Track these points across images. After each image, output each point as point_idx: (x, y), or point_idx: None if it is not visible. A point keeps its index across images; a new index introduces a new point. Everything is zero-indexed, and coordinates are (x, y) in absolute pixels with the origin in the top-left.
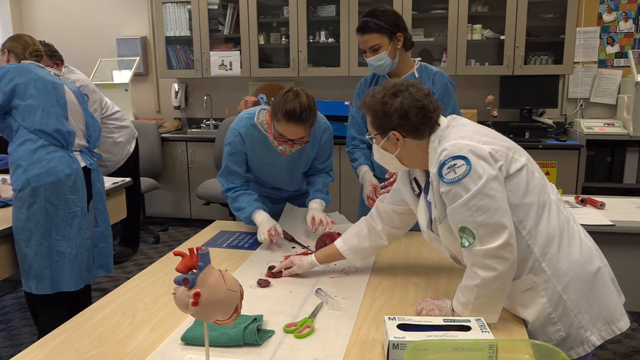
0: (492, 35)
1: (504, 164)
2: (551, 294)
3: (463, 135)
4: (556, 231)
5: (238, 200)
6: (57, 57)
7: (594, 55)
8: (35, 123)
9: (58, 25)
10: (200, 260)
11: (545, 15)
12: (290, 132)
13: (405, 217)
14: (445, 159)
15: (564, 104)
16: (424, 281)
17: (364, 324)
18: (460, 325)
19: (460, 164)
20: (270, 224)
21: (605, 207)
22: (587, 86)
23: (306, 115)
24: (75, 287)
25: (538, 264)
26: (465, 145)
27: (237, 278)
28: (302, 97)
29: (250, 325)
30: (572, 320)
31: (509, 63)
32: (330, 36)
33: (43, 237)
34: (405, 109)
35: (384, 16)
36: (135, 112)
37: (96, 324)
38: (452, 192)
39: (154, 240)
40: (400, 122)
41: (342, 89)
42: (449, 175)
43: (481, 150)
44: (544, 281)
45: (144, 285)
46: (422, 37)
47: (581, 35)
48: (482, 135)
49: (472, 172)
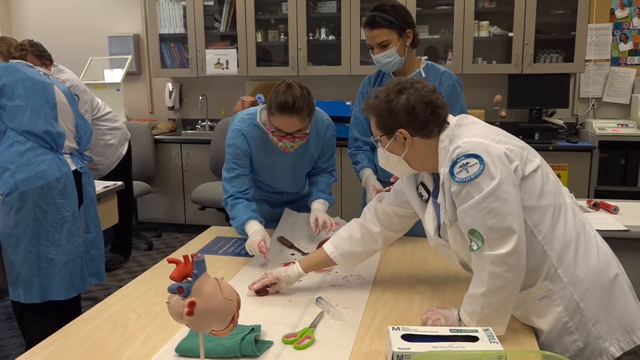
0: (499, 32)
1: (519, 164)
2: (568, 302)
3: (476, 133)
4: (572, 236)
5: (235, 209)
6: (46, 57)
7: (607, 52)
8: (24, 124)
9: (47, 22)
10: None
11: (555, 11)
12: (286, 124)
13: (405, 220)
14: (458, 157)
15: (575, 103)
16: (429, 289)
17: (367, 334)
18: (468, 336)
19: (473, 163)
20: (259, 236)
21: (619, 212)
22: (599, 85)
23: (299, 105)
24: (66, 296)
25: (554, 271)
26: (479, 144)
27: (234, 286)
28: (294, 88)
29: (247, 336)
30: (590, 330)
31: (518, 61)
32: (331, 33)
33: (32, 243)
34: (412, 104)
35: (393, 11)
36: (128, 113)
37: (86, 334)
38: (464, 192)
39: (147, 246)
40: (407, 119)
41: (344, 88)
42: (461, 174)
43: (496, 150)
44: (560, 289)
45: (136, 294)
46: (427, 34)
47: (593, 32)
48: (496, 134)
49: (485, 172)
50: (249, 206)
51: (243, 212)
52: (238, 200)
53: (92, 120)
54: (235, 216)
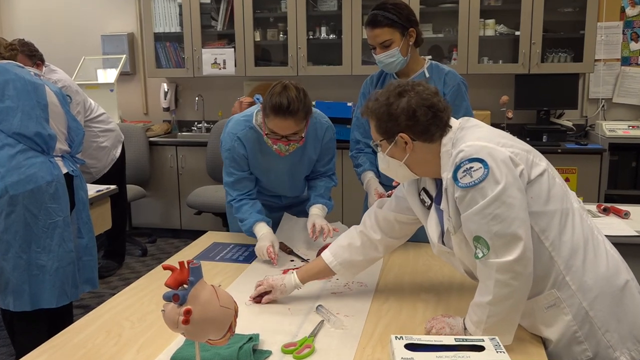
0: (506, 31)
1: (524, 168)
2: (576, 311)
3: (480, 137)
4: (580, 242)
5: (241, 211)
6: (38, 56)
7: (617, 52)
8: (14, 126)
9: (38, 21)
10: (192, 275)
11: (563, 9)
12: (280, 126)
13: (407, 227)
14: (462, 162)
15: (585, 104)
16: (433, 297)
17: (369, 343)
18: (473, 345)
19: (477, 168)
20: (268, 241)
21: (630, 217)
22: (609, 85)
23: (295, 107)
24: (57, 304)
25: (562, 278)
26: (483, 148)
27: (231, 294)
28: (290, 89)
29: (245, 345)
30: (600, 339)
31: (525, 61)
32: (331, 32)
33: (22, 249)
34: (413, 108)
35: (396, 9)
36: (121, 115)
37: (78, 344)
38: (468, 198)
39: (141, 252)
40: (408, 123)
41: (345, 88)
42: (465, 179)
43: (500, 153)
44: (569, 297)
45: (130, 302)
46: (431, 33)
47: (602, 31)
48: (500, 137)
49: (489, 177)
50: (254, 206)
51: (249, 213)
52: (242, 202)
53: (84, 122)
54: (243, 218)
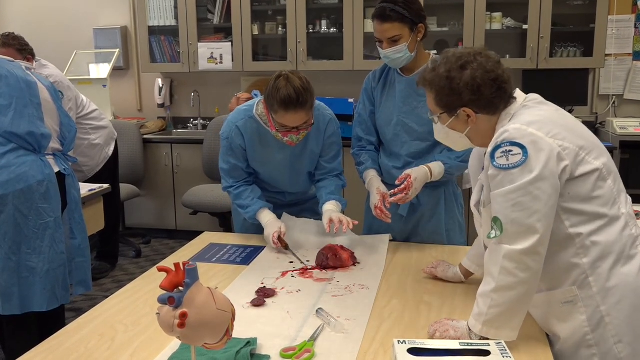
0: (513, 25)
1: (569, 164)
2: (592, 313)
3: (532, 122)
4: (615, 248)
5: (242, 197)
6: (28, 50)
7: (628, 46)
8: (6, 125)
9: (28, 13)
10: (187, 277)
11: (573, 1)
12: (292, 120)
13: None
14: (503, 142)
15: (595, 101)
16: (437, 300)
17: (371, 348)
18: (479, 350)
19: (516, 152)
20: (276, 227)
21: None
22: (620, 81)
23: (304, 99)
24: (48, 307)
25: (584, 277)
26: (530, 134)
27: (229, 296)
28: (294, 80)
29: (242, 350)
30: (611, 348)
31: (533, 55)
32: (332, 26)
33: (11, 250)
34: (478, 82)
35: (406, 4)
36: (115, 111)
37: (70, 348)
38: (499, 179)
39: (135, 254)
40: (472, 98)
41: (346, 84)
42: (501, 160)
43: (546, 145)
44: (588, 297)
45: (124, 305)
46: (436, 26)
47: (614, 25)
48: (556, 127)
49: (525, 165)
50: (254, 192)
51: (251, 199)
52: (241, 189)
53: (76, 119)
54: (245, 205)
